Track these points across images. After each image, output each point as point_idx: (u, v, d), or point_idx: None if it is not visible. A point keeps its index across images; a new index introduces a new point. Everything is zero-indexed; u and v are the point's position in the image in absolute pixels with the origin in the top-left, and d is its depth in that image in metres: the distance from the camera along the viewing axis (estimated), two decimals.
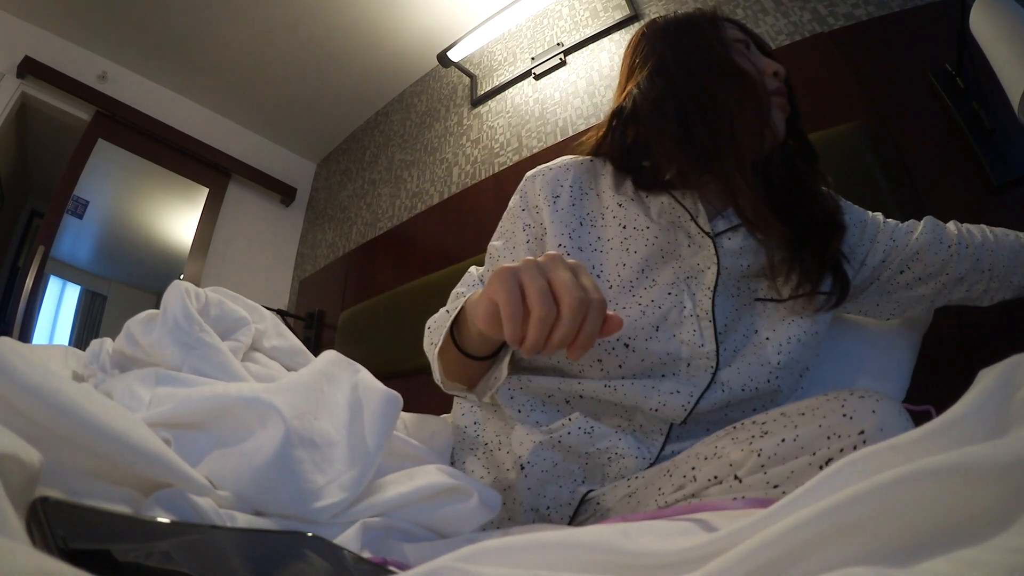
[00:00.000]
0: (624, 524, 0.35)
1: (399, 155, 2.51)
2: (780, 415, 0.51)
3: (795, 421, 0.48)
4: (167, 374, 0.60)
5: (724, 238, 0.68)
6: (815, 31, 1.31)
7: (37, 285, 2.08)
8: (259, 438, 0.43)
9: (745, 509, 0.38)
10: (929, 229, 0.74)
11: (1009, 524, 0.17)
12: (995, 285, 0.73)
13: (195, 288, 0.70)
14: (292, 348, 0.79)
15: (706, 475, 0.51)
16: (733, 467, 0.50)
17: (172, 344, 0.63)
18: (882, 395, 0.47)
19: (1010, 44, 0.73)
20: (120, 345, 0.70)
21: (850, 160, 1.05)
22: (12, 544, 0.16)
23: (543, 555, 0.28)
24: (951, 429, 0.23)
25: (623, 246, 0.67)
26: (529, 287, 0.40)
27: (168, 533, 0.29)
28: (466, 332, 0.60)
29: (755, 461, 0.48)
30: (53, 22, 2.22)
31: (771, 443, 0.48)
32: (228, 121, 2.83)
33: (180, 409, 0.46)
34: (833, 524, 0.19)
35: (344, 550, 0.35)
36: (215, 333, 0.66)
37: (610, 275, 0.66)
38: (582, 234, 0.68)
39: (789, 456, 0.47)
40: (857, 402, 0.46)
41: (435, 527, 0.48)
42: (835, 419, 0.46)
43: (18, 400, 0.29)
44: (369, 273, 2.29)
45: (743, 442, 0.50)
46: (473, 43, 2.03)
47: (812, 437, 0.46)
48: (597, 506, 0.61)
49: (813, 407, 0.49)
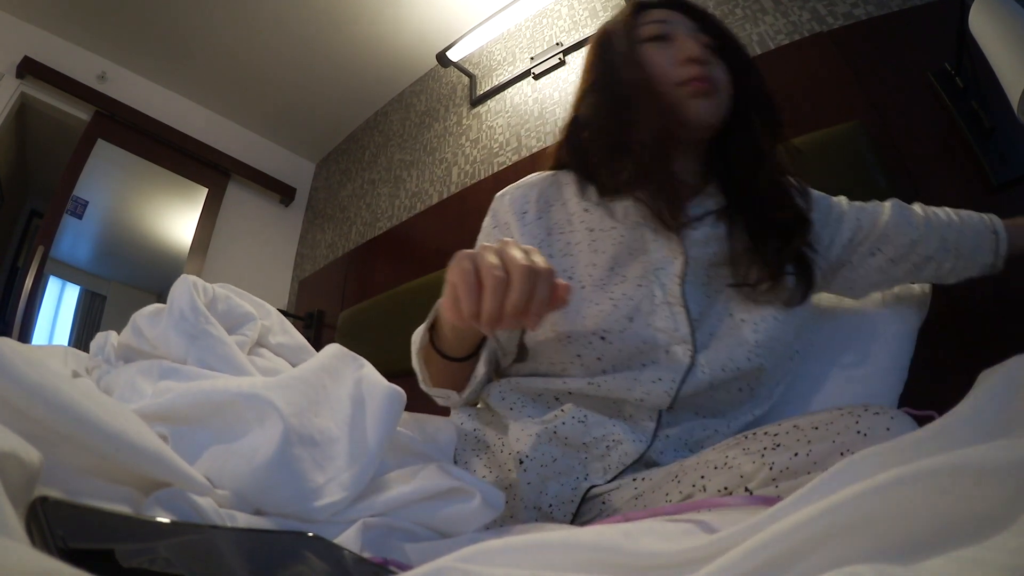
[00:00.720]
0: (626, 524, 0.35)
1: (398, 155, 2.51)
2: (793, 427, 0.50)
3: (808, 436, 0.48)
4: (171, 367, 0.60)
5: (690, 228, 0.70)
6: (814, 30, 1.31)
7: (37, 285, 2.07)
8: (257, 436, 0.43)
9: (747, 507, 0.38)
10: (896, 211, 0.76)
11: (1010, 524, 0.17)
12: (961, 264, 0.76)
13: (203, 283, 0.71)
14: (298, 345, 0.80)
15: (716, 485, 0.51)
16: (744, 479, 0.49)
17: (177, 335, 0.63)
18: (896, 412, 0.47)
19: (1010, 43, 0.73)
20: (126, 338, 0.70)
21: (849, 159, 1.05)
22: (12, 544, 0.16)
23: (544, 555, 0.28)
24: (953, 430, 0.23)
25: (592, 248, 0.69)
26: (481, 263, 0.43)
27: (168, 533, 0.28)
28: (443, 334, 0.63)
29: (767, 474, 0.48)
30: (53, 22, 2.22)
31: (783, 457, 0.48)
32: (227, 121, 2.83)
33: (178, 402, 0.46)
34: (835, 523, 0.19)
35: (344, 550, 0.35)
36: (221, 327, 0.67)
37: (582, 276, 0.68)
38: (551, 242, 0.71)
39: (801, 471, 0.46)
40: (872, 419, 0.46)
41: (437, 527, 0.48)
42: (849, 436, 0.46)
43: (18, 399, 0.29)
44: (368, 273, 2.29)
45: (755, 453, 0.50)
46: (472, 43, 2.03)
47: (825, 453, 0.46)
48: (603, 505, 0.61)
49: (827, 422, 0.48)
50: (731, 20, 1.48)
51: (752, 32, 1.43)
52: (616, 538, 0.27)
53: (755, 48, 1.41)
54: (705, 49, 0.70)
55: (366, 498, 0.46)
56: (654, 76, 0.69)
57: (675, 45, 0.70)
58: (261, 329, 0.75)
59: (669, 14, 0.73)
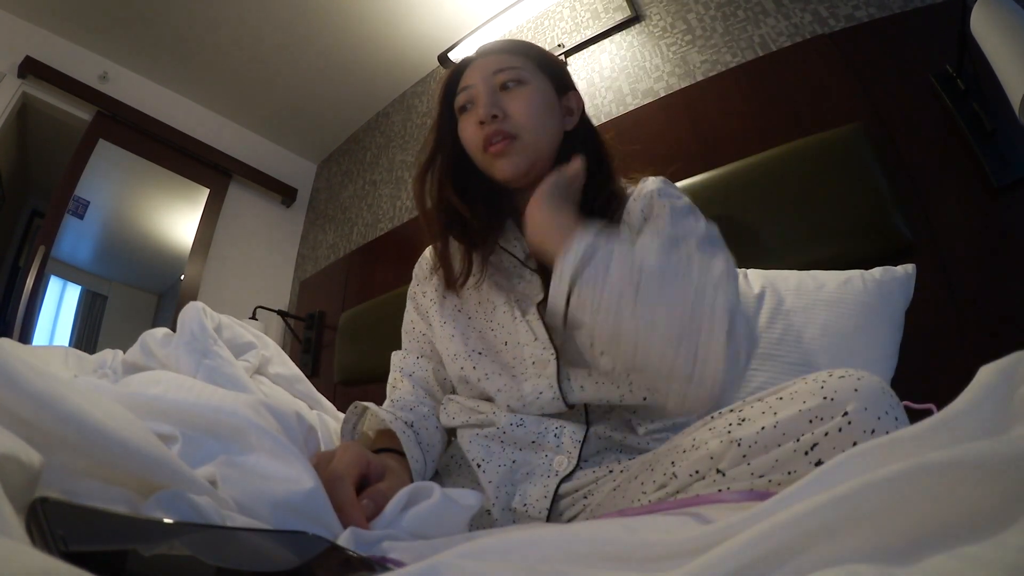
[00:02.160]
0: (623, 518, 0.35)
1: (400, 156, 2.51)
2: (757, 401, 0.50)
3: (773, 407, 0.47)
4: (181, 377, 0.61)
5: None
6: (816, 32, 1.31)
7: (38, 285, 2.07)
8: (280, 465, 0.45)
9: (743, 502, 0.38)
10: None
11: (1012, 521, 0.17)
12: None
13: (210, 310, 0.75)
14: (293, 376, 0.86)
15: (687, 470, 0.50)
16: (714, 460, 0.48)
17: (187, 354, 0.66)
18: (863, 373, 0.45)
19: (1011, 45, 0.73)
20: (134, 356, 0.72)
21: (851, 161, 1.05)
22: (12, 544, 0.16)
23: (541, 549, 0.28)
24: (952, 425, 0.23)
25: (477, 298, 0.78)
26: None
27: (168, 533, 0.28)
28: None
29: (736, 452, 0.47)
30: (54, 22, 2.23)
31: (750, 431, 0.46)
32: (229, 122, 2.83)
33: (191, 408, 0.47)
34: (833, 518, 0.19)
35: (344, 548, 0.35)
36: (228, 350, 0.71)
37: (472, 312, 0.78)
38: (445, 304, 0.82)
39: (771, 444, 0.45)
40: (837, 383, 0.44)
41: (422, 532, 0.47)
42: (816, 401, 0.44)
43: (23, 408, 0.29)
44: (370, 274, 2.29)
45: (720, 432, 0.49)
46: (474, 44, 2.03)
47: (793, 422, 0.44)
48: (585, 500, 0.62)
49: (791, 391, 0.47)
50: (732, 22, 1.49)
51: (754, 34, 1.43)
52: (614, 530, 0.27)
53: (756, 50, 1.41)
54: (494, 101, 0.71)
55: None
56: (468, 147, 0.75)
57: (475, 109, 0.74)
58: (261, 359, 0.78)
59: (473, 72, 0.76)
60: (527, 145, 0.71)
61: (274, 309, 2.48)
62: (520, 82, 0.73)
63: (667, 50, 1.62)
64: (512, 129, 0.71)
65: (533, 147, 0.72)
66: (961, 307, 0.93)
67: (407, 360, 0.83)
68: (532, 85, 0.74)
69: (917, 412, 0.47)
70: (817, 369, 0.84)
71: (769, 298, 0.94)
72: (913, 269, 0.90)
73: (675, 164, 1.08)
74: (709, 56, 1.51)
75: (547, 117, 0.74)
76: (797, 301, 0.92)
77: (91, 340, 2.37)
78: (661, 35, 1.65)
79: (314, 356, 2.41)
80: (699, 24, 1.56)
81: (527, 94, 0.73)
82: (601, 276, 0.51)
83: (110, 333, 2.38)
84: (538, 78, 0.75)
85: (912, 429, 0.24)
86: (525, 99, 0.72)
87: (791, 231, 1.08)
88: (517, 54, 0.76)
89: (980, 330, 0.92)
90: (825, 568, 0.18)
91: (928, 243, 1.00)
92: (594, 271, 0.51)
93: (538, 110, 0.73)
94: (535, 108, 0.72)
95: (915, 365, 0.88)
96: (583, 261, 0.52)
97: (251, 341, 0.78)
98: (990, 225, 0.98)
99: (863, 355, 0.84)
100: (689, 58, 1.56)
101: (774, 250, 1.08)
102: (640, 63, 1.67)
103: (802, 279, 0.96)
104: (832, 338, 0.87)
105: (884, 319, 0.86)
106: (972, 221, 0.99)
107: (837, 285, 0.92)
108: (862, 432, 0.42)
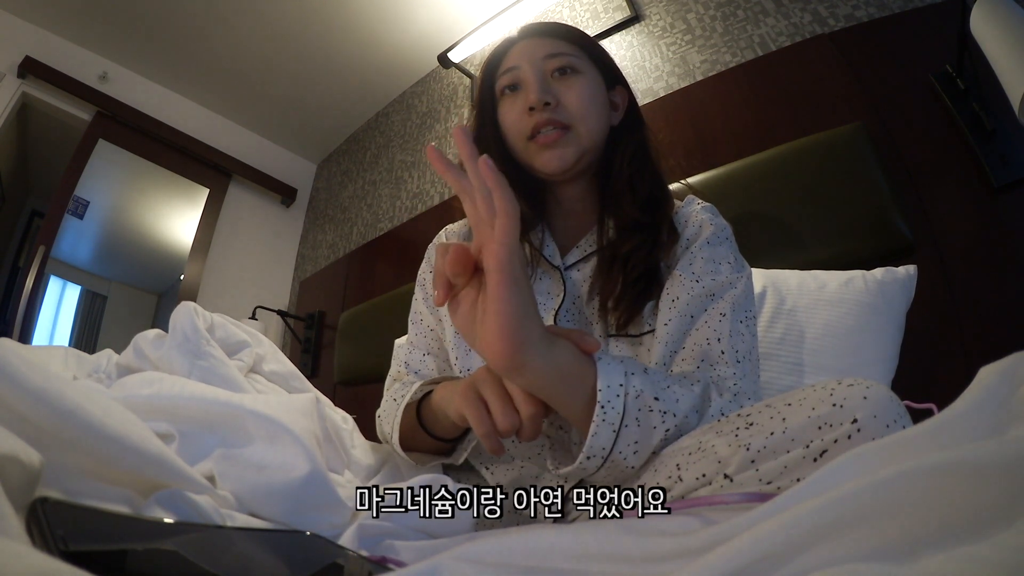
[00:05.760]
0: (627, 520, 0.35)
1: (400, 156, 2.51)
2: (766, 407, 0.49)
3: (782, 413, 0.47)
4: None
5: (574, 270, 0.73)
6: (816, 32, 1.31)
7: (37, 285, 2.07)
8: (277, 452, 0.46)
9: (744, 504, 0.38)
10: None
11: (1012, 522, 0.17)
12: None
13: (202, 310, 0.75)
14: (289, 373, 0.85)
15: (693, 474, 0.50)
16: (722, 464, 0.48)
17: (180, 356, 0.66)
18: (871, 382, 0.45)
19: (1011, 45, 0.73)
20: (127, 359, 0.72)
21: (851, 161, 1.05)
22: (12, 544, 0.16)
23: (540, 548, 0.28)
24: (952, 426, 0.23)
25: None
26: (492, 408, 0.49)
27: (168, 533, 0.28)
28: (433, 419, 0.64)
29: (744, 456, 0.46)
30: (54, 22, 2.23)
31: (759, 436, 0.46)
32: (229, 121, 2.83)
33: (187, 404, 0.48)
34: (834, 518, 0.19)
35: (344, 548, 0.35)
36: (221, 350, 0.70)
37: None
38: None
39: (780, 450, 0.45)
40: (846, 390, 0.44)
41: (426, 528, 0.48)
42: (825, 409, 0.44)
43: (22, 405, 0.29)
44: (369, 274, 2.29)
45: (728, 435, 0.49)
46: (474, 44, 2.02)
47: (803, 428, 0.44)
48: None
49: (799, 398, 0.47)
50: (732, 22, 1.49)
51: (753, 34, 1.43)
52: (616, 531, 0.27)
53: (756, 50, 1.41)
54: (545, 87, 0.68)
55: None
56: (508, 133, 0.72)
57: (522, 93, 0.71)
58: (255, 356, 0.78)
59: (519, 54, 0.72)
60: (580, 137, 0.68)
61: (274, 309, 2.48)
62: (575, 70, 0.70)
63: (667, 50, 1.62)
64: (566, 119, 0.67)
65: (586, 140, 0.69)
66: (961, 307, 0.93)
67: (413, 356, 0.80)
68: (587, 75, 0.71)
69: (917, 412, 0.47)
70: (818, 369, 0.86)
71: (771, 298, 0.94)
72: (915, 270, 0.90)
73: (672, 161, 1.08)
74: (709, 56, 1.51)
75: (600, 110, 0.71)
76: (799, 301, 0.92)
77: (91, 340, 2.37)
78: (661, 35, 1.65)
79: (314, 356, 2.41)
80: (699, 24, 1.56)
81: (582, 84, 0.69)
82: (630, 458, 0.52)
83: (110, 333, 2.39)
84: (590, 68, 0.72)
85: (912, 430, 0.24)
86: (580, 89, 0.69)
87: (791, 231, 1.08)
88: (571, 41, 0.73)
89: (980, 330, 0.92)
90: (826, 568, 0.18)
91: (928, 243, 1.00)
92: (622, 455, 0.52)
93: (593, 102, 0.70)
94: (589, 99, 0.69)
95: (915, 365, 0.88)
96: (609, 447, 0.51)
97: (244, 339, 0.77)
98: (990, 225, 0.98)
99: (864, 355, 0.85)
100: (689, 58, 1.56)
101: (774, 250, 1.08)
102: (640, 63, 1.67)
103: (803, 279, 0.96)
104: (834, 338, 0.87)
105: (885, 319, 0.86)
106: (972, 221, 0.99)
107: (839, 285, 0.92)
108: (871, 439, 0.42)
